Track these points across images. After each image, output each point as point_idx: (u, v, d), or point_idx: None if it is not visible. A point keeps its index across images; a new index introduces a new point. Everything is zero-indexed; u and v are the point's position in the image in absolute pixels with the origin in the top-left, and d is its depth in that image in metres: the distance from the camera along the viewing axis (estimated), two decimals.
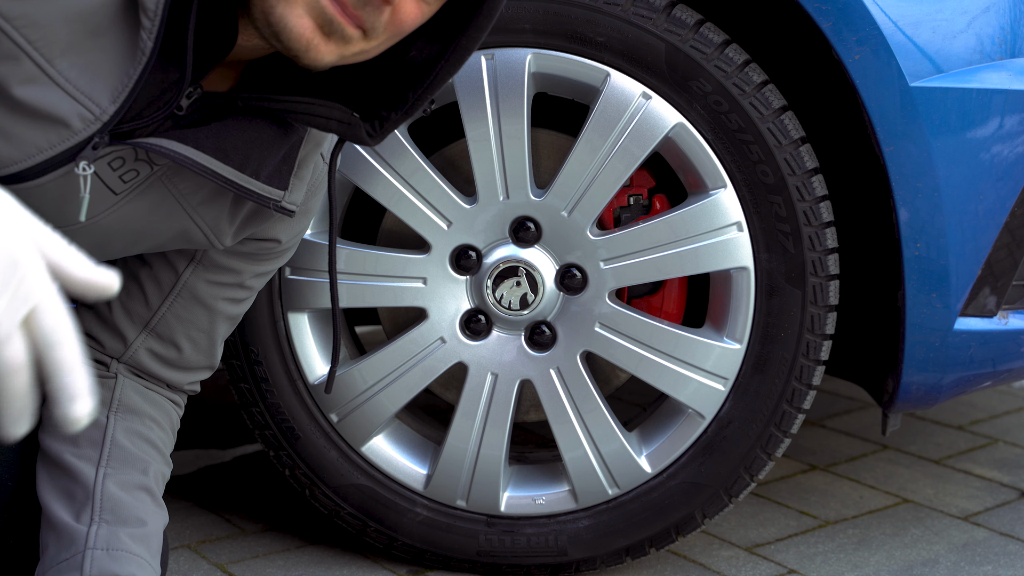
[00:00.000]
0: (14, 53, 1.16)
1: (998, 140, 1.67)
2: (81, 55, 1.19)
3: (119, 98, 1.21)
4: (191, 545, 1.97)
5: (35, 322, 0.88)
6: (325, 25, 1.20)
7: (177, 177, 1.33)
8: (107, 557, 1.35)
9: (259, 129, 1.32)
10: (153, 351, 1.49)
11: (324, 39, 1.21)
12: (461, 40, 1.31)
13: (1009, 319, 1.78)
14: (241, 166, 1.31)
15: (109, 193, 1.31)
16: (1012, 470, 2.32)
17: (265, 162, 1.33)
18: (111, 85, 1.20)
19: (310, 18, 1.19)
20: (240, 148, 1.30)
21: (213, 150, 1.28)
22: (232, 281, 1.50)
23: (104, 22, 1.18)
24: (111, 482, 1.41)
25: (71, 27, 1.17)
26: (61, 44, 1.17)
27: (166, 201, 1.35)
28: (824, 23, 1.61)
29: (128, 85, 1.21)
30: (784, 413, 1.76)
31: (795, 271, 1.71)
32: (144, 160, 1.30)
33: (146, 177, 1.32)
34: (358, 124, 1.34)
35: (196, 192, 1.36)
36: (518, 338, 1.77)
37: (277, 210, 1.38)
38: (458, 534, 1.84)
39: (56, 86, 1.18)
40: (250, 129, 1.31)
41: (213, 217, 1.39)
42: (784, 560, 1.94)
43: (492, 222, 1.73)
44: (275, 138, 1.34)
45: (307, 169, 1.44)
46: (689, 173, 1.72)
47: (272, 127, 1.34)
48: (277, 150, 1.35)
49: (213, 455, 2.36)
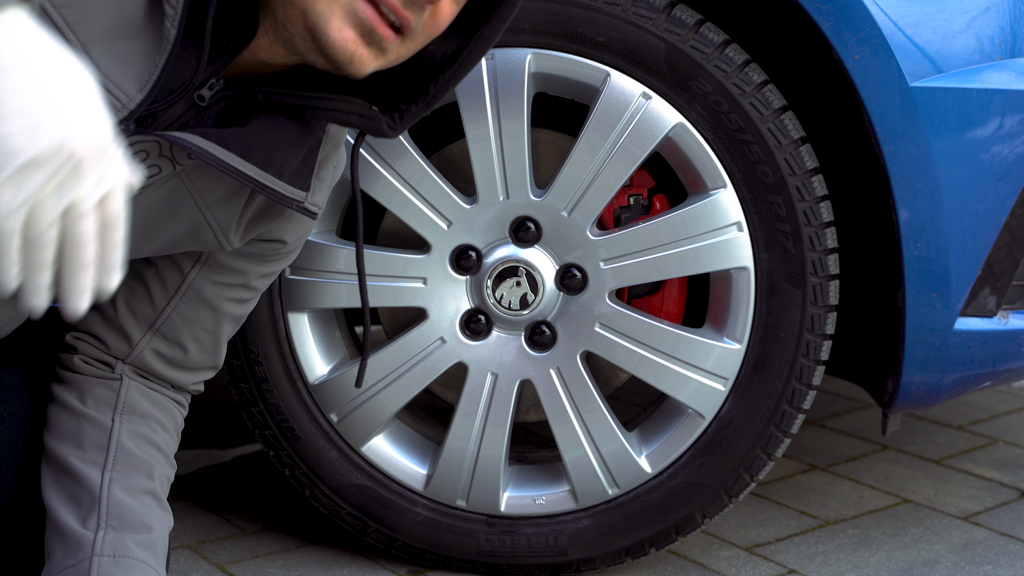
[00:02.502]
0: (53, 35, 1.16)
1: (998, 140, 1.67)
2: (112, 43, 1.19)
3: (146, 87, 1.21)
4: (191, 545, 1.97)
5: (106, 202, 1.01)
6: (366, 34, 1.22)
7: (196, 174, 1.34)
8: (114, 564, 1.35)
9: (280, 127, 1.33)
10: (158, 351, 1.49)
11: (366, 49, 1.23)
12: (483, 31, 1.33)
13: (1009, 319, 1.78)
14: (264, 164, 1.31)
15: None
16: (1012, 470, 2.32)
17: (288, 161, 1.34)
18: (138, 74, 1.21)
19: (350, 28, 1.22)
20: (263, 146, 1.31)
21: (237, 148, 1.29)
22: (237, 282, 1.50)
23: (135, 11, 1.19)
24: (117, 487, 1.41)
25: (107, 14, 1.18)
26: (96, 30, 1.18)
27: (180, 197, 1.35)
28: (824, 23, 1.61)
29: (154, 74, 1.21)
30: (784, 413, 1.76)
31: (795, 271, 1.71)
32: (167, 156, 1.31)
33: (167, 174, 1.32)
34: (378, 117, 1.35)
35: (213, 191, 1.36)
36: (518, 338, 1.77)
37: (300, 211, 1.39)
38: (458, 534, 1.84)
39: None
40: (272, 127, 1.32)
41: (226, 217, 1.40)
42: (784, 560, 1.94)
43: (492, 222, 1.73)
44: (296, 137, 1.35)
45: (327, 171, 1.45)
46: (689, 173, 1.72)
47: (293, 126, 1.34)
48: (298, 150, 1.35)
49: (213, 455, 2.36)
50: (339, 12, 1.21)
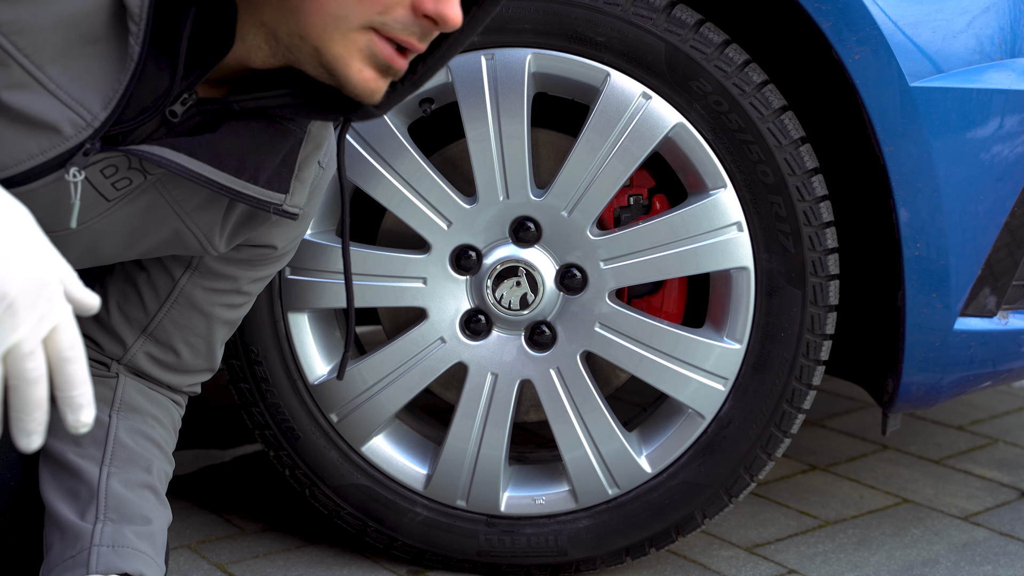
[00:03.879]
0: (2, 59, 1.15)
1: (998, 140, 1.67)
2: (73, 61, 1.18)
3: (110, 104, 1.21)
4: (191, 545, 1.97)
5: (53, 339, 0.96)
6: (383, 70, 1.24)
7: (171, 184, 1.33)
8: (113, 554, 1.35)
9: (255, 133, 1.31)
10: (151, 355, 1.49)
11: (384, 81, 1.26)
12: (477, 13, 1.32)
13: (1009, 319, 1.78)
14: (237, 171, 1.29)
15: (101, 200, 1.30)
16: (1012, 470, 2.32)
17: (263, 165, 1.32)
18: (102, 91, 1.20)
19: (370, 68, 1.23)
20: (235, 153, 1.29)
21: (207, 157, 1.27)
22: (229, 287, 1.49)
23: (96, 28, 1.18)
24: (115, 480, 1.41)
25: (63, 33, 1.17)
26: (52, 50, 1.17)
27: (159, 207, 1.34)
28: (824, 23, 1.61)
29: (119, 91, 1.21)
30: (784, 413, 1.76)
31: (795, 271, 1.71)
32: (137, 168, 1.29)
33: (139, 185, 1.31)
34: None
35: (190, 199, 1.35)
36: (518, 338, 1.77)
37: (279, 214, 1.36)
38: (458, 534, 1.84)
39: (47, 92, 1.18)
40: (245, 134, 1.30)
41: (207, 223, 1.38)
42: (784, 560, 1.94)
43: (492, 222, 1.73)
44: (272, 140, 1.33)
45: (308, 171, 1.43)
46: (689, 173, 1.72)
47: (269, 129, 1.32)
48: (275, 153, 1.34)
49: (213, 455, 2.36)
50: (358, 55, 1.21)
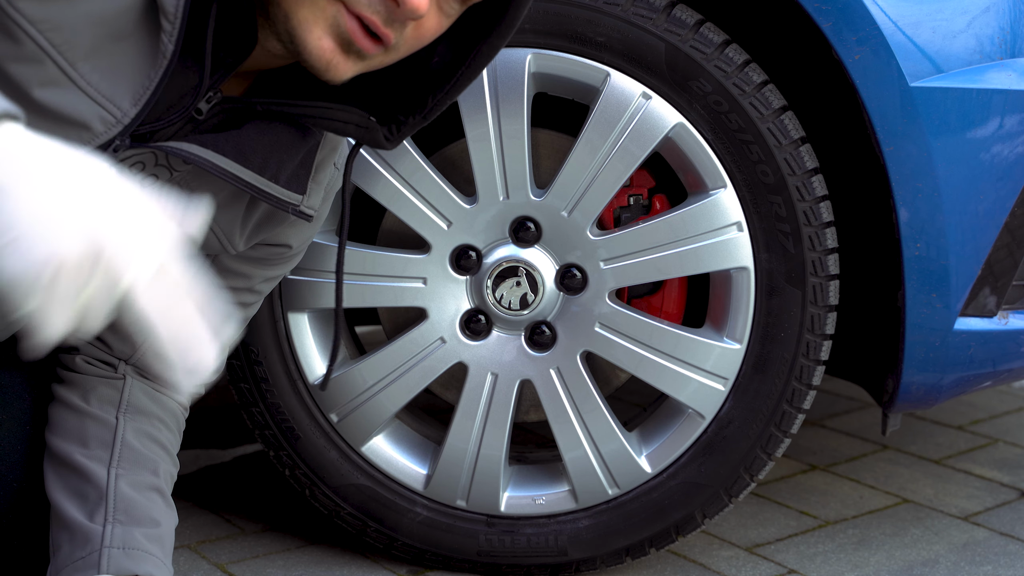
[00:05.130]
0: (37, 56, 1.16)
1: (998, 140, 1.67)
2: (103, 59, 1.19)
3: (140, 101, 1.21)
4: (191, 545, 1.97)
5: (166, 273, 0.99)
6: (344, 44, 1.22)
7: (195, 181, 1.34)
8: (124, 556, 1.35)
9: (277, 133, 1.33)
10: None
11: (344, 57, 1.23)
12: (482, 47, 1.33)
13: (1009, 319, 1.78)
14: (261, 169, 1.32)
15: None
16: (1012, 470, 2.32)
17: (284, 166, 1.34)
18: (132, 88, 1.21)
19: (330, 38, 1.21)
20: (259, 152, 1.31)
21: (233, 154, 1.29)
22: (242, 286, 1.51)
23: (126, 26, 1.19)
24: (124, 482, 1.41)
25: (94, 31, 1.17)
26: (84, 48, 1.18)
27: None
28: (824, 23, 1.61)
29: (149, 88, 1.21)
30: (784, 413, 1.76)
31: (795, 271, 1.71)
32: (164, 165, 1.31)
33: (164, 182, 1.33)
34: (375, 128, 1.35)
35: (213, 197, 1.36)
36: (518, 338, 1.77)
37: (296, 214, 1.39)
38: (458, 534, 1.84)
39: (78, 89, 1.19)
40: (268, 133, 1.32)
41: (228, 222, 1.40)
42: (784, 560, 1.94)
43: (492, 222, 1.73)
44: (293, 142, 1.35)
45: (324, 173, 1.45)
46: (689, 173, 1.72)
47: (290, 131, 1.34)
48: (295, 154, 1.36)
49: (213, 455, 2.36)
50: (322, 22, 1.21)
